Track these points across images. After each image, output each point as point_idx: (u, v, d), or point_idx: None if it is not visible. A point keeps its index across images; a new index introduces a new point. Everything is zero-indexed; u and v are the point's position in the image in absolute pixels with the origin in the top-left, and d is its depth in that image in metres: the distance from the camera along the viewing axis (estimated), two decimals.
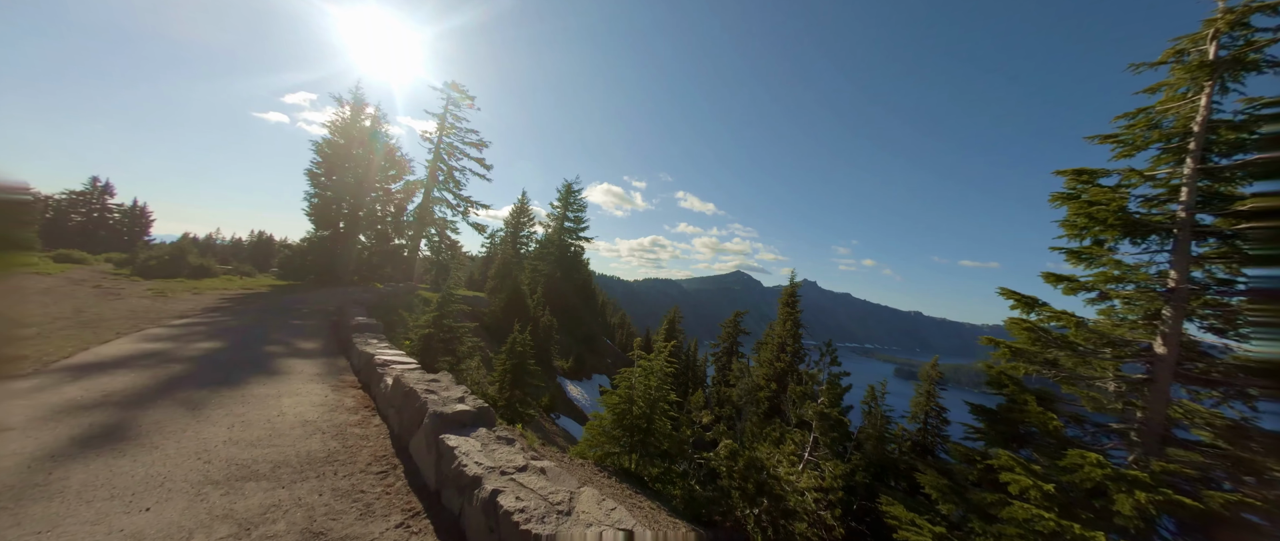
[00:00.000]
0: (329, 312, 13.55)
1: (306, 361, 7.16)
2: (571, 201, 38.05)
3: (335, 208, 25.23)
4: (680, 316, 52.22)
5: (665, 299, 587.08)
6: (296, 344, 8.55)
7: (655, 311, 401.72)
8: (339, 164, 25.10)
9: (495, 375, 11.60)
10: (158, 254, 22.24)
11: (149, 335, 7.88)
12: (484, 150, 36.21)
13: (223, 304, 13.55)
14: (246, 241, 75.67)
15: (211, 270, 23.21)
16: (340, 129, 25.44)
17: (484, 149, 36.09)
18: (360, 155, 25.78)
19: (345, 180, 25.15)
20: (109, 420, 4.03)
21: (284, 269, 25.26)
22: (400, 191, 30.02)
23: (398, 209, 30.03)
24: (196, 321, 9.88)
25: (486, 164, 36.29)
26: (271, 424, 4.32)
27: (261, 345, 8.01)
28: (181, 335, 8.13)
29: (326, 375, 6.40)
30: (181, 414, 4.36)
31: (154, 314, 10.76)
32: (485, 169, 36.31)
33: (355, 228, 26.36)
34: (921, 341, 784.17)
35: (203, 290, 16.64)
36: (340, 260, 25.10)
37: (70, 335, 7.77)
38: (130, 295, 13.62)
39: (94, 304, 11.36)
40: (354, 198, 25.67)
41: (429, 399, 4.01)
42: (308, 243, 25.07)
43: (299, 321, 11.46)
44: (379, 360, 5.86)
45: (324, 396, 5.35)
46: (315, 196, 24.96)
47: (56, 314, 9.56)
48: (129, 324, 9.14)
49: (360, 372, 6.55)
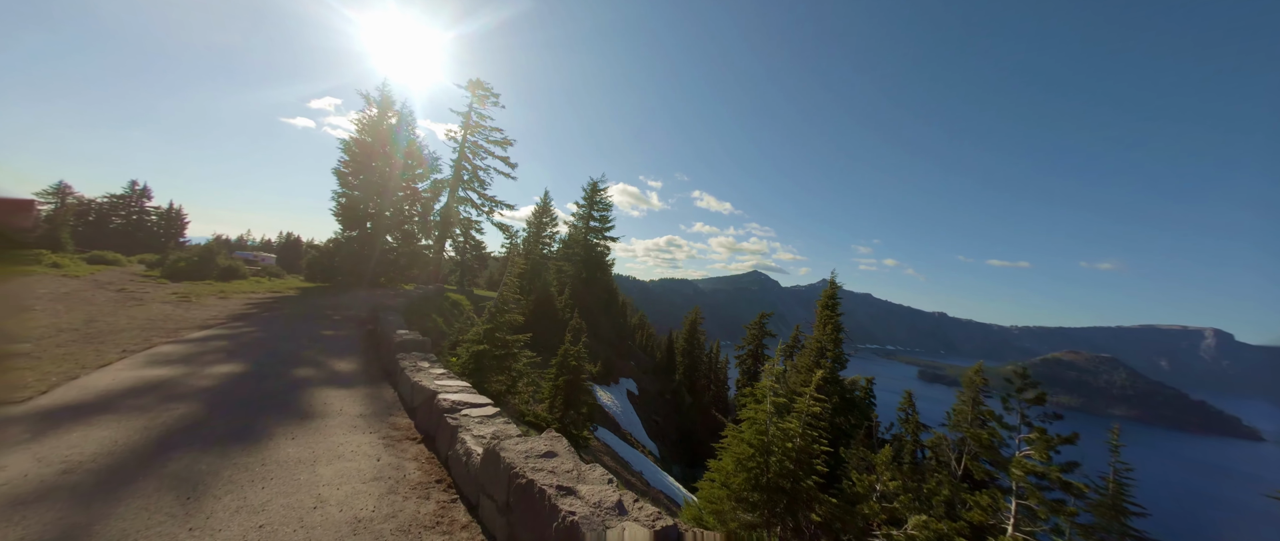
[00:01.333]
0: (361, 320, 12.08)
1: (345, 393, 5.57)
2: (596, 200, 36.44)
3: (362, 207, 23.98)
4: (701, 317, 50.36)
5: (681, 299, 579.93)
6: (330, 364, 7.00)
7: (671, 311, 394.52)
8: (366, 163, 23.83)
9: (544, 392, 9.99)
10: (187, 256, 21.20)
11: (157, 356, 6.38)
12: (508, 149, 34.82)
13: (248, 310, 12.16)
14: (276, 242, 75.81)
15: (240, 272, 22.13)
16: (367, 126, 24.17)
17: (508, 147, 34.69)
18: (387, 153, 24.50)
19: (372, 179, 23.87)
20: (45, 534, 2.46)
21: (311, 270, 24.12)
22: (427, 190, 28.73)
23: (424, 208, 28.75)
24: (216, 334, 8.42)
25: (511, 162, 34.88)
26: (307, 529, 2.71)
27: (289, 368, 6.46)
28: (195, 355, 6.63)
29: (373, 417, 4.79)
30: (169, 510, 2.76)
31: (172, 323, 9.36)
32: (510, 167, 34.91)
33: (382, 228, 25.10)
34: (946, 343, 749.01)
35: (229, 294, 15.36)
36: (367, 261, 23.86)
37: (67, 353, 6.34)
38: (153, 300, 12.32)
39: (110, 312, 10.03)
40: (381, 197, 24.41)
41: (565, 506, 2.34)
42: (334, 243, 23.90)
43: (330, 331, 9.98)
44: (444, 402, 4.22)
45: (375, 460, 3.74)
46: (342, 196, 23.72)
47: (65, 324, 8.19)
48: (139, 338, 7.71)
49: (416, 412, 4.94)
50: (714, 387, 47.39)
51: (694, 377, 45.99)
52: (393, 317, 9.35)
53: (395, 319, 9.11)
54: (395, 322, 8.58)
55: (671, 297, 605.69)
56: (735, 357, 46.87)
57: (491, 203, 33.81)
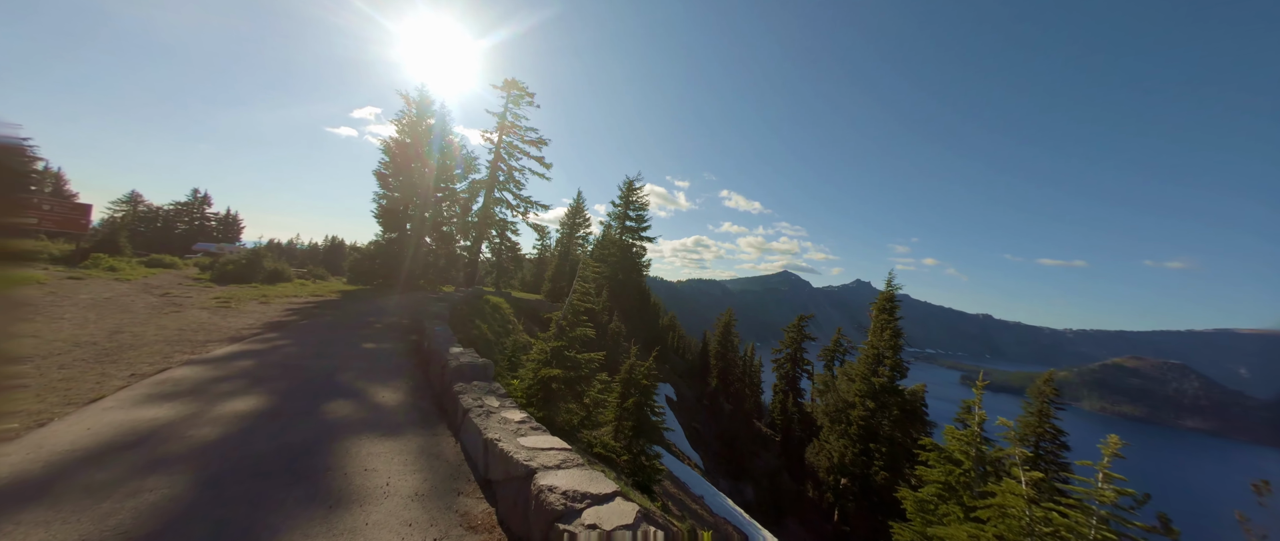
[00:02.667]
0: (404, 328, 10.78)
1: (391, 448, 4.01)
2: (632, 200, 34.81)
3: (402, 209, 23.20)
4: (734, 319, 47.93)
5: (709, 300, 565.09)
6: (371, 394, 5.51)
7: (699, 312, 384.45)
8: (405, 164, 23.01)
9: (608, 415, 8.34)
10: (235, 259, 20.76)
11: (164, 385, 5.03)
12: (543, 148, 33.68)
13: (286, 317, 11.05)
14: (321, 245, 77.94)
15: (285, 274, 21.58)
16: (406, 127, 23.36)
17: (543, 147, 33.55)
18: (426, 153, 23.62)
19: (411, 180, 23.04)
20: None
21: (353, 273, 23.49)
22: (464, 191, 27.85)
23: (462, 209, 27.88)
24: (245, 350, 7.14)
25: (546, 163, 33.71)
26: None
27: (320, 402, 5.00)
28: (211, 383, 5.26)
29: (433, 499, 3.19)
30: None
31: (202, 334, 8.20)
32: (545, 168, 33.73)
33: (421, 229, 24.28)
34: (991, 347, 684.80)
35: (271, 298, 14.47)
36: (407, 263, 23.05)
37: (65, 378, 5.09)
38: (192, 306, 11.39)
39: (142, 321, 9.02)
40: (420, 198, 23.56)
41: None
42: (376, 246, 23.24)
43: (371, 343, 8.65)
44: (549, 495, 2.55)
45: None
46: (383, 197, 23.00)
47: (84, 337, 7.10)
48: (159, 356, 6.48)
49: (496, 491, 3.31)
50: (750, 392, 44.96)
51: (728, 381, 43.73)
52: (440, 330, 7.91)
53: (443, 331, 7.66)
54: (444, 337, 7.10)
55: (699, 298, 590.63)
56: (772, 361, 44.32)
57: (527, 203, 32.72)
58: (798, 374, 43.30)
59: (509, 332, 16.19)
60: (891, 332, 28.01)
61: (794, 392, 42.11)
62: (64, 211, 16.37)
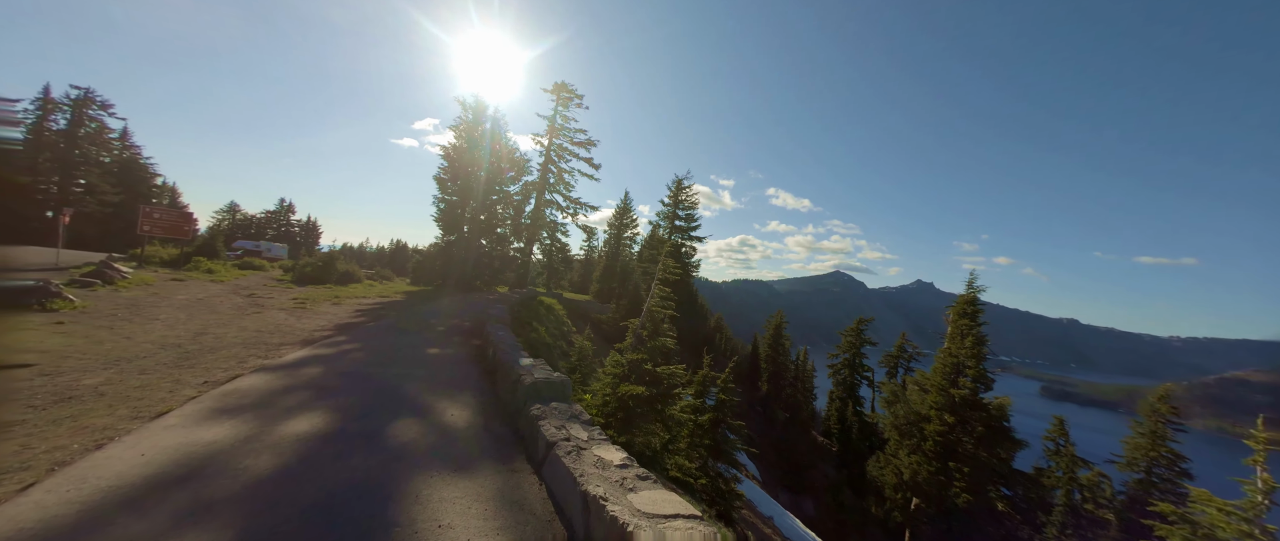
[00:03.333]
0: (466, 331, 10.43)
1: (464, 490, 3.27)
2: (681, 199, 33.70)
3: (459, 211, 23.60)
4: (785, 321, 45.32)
5: (756, 301, 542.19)
6: (441, 413, 4.90)
7: (745, 314, 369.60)
8: (463, 168, 23.39)
9: (682, 436, 7.35)
10: (312, 262, 21.88)
11: (230, 398, 4.66)
12: (592, 150, 33.40)
13: (355, 318, 11.06)
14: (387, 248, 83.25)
15: (355, 276, 22.51)
16: (463, 132, 23.74)
17: (592, 148, 33.26)
18: (481, 156, 23.89)
19: (468, 184, 23.38)
20: None
21: (415, 274, 24.21)
22: (517, 193, 28.04)
23: (516, 212, 28.10)
24: (314, 355, 6.87)
25: (595, 164, 33.38)
26: None
27: (386, 421, 4.42)
28: (276, 396, 4.85)
29: None
30: None
31: (278, 337, 8.15)
32: (594, 169, 33.41)
33: (477, 231, 24.63)
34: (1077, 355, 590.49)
35: (342, 299, 14.85)
36: (465, 264, 23.43)
37: (146, 384, 4.90)
38: (272, 307, 11.73)
39: (226, 321, 9.21)
40: (476, 201, 23.90)
41: None
42: (435, 248, 23.84)
43: (435, 348, 8.26)
44: None
45: None
46: (442, 201, 23.50)
47: (171, 340, 7.15)
48: (234, 360, 6.31)
49: None
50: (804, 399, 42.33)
51: (779, 386, 41.41)
52: (503, 334, 7.32)
53: (506, 337, 7.05)
54: (509, 344, 6.45)
55: (745, 299, 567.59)
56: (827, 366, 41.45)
57: (576, 205, 32.54)
58: (856, 380, 40.20)
59: (564, 334, 15.72)
60: (974, 340, 24.93)
61: (853, 400, 39.13)
62: (171, 219, 17.81)
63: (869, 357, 40.64)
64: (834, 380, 40.84)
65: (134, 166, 38.28)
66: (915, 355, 39.55)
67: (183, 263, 17.80)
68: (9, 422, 3.45)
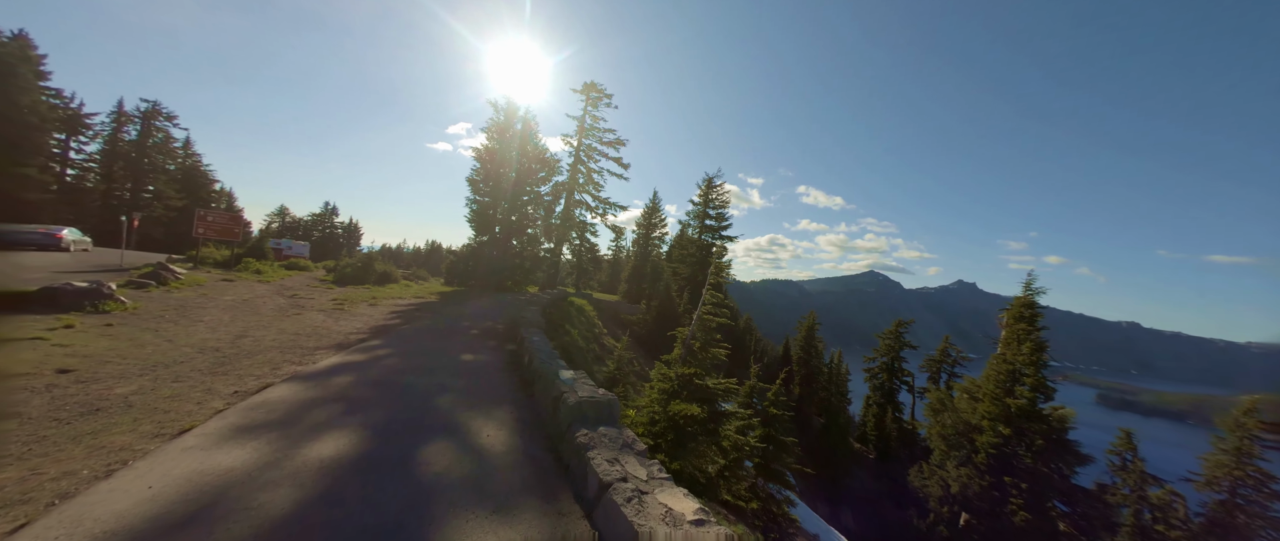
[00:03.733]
0: (500, 334, 10.07)
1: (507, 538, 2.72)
2: (712, 197, 32.75)
3: (491, 212, 23.61)
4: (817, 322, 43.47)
5: (786, 302, 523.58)
6: (476, 434, 4.41)
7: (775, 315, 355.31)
8: (495, 169, 23.38)
9: (730, 453, 6.61)
10: (352, 263, 22.33)
11: (260, 412, 4.33)
12: (620, 149, 32.93)
13: (390, 320, 10.92)
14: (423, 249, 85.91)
15: (393, 276, 22.86)
16: (495, 132, 23.72)
17: (621, 147, 32.79)
18: (513, 159, 23.82)
19: (500, 185, 23.35)
20: None
21: (449, 274, 24.41)
22: (548, 193, 27.91)
23: (546, 212, 27.99)
24: (348, 363, 6.58)
25: (624, 163, 32.90)
26: None
27: (419, 443, 3.96)
28: (303, 412, 4.49)
29: None
30: None
31: (314, 340, 7.98)
32: (623, 168, 32.93)
33: (508, 232, 24.62)
34: (1139, 361, 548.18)
35: (379, 300, 14.90)
36: (496, 264, 23.43)
37: (177, 393, 4.66)
38: (313, 308, 11.77)
39: (267, 323, 9.19)
40: (508, 202, 23.85)
41: None
42: (468, 248, 23.95)
43: (470, 354, 7.88)
44: None
45: None
46: (474, 202, 23.56)
47: (211, 343, 7.05)
48: (267, 367, 6.07)
49: None
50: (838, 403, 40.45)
51: (812, 390, 39.72)
52: (538, 340, 6.83)
53: (542, 343, 6.55)
54: (545, 351, 5.93)
55: (774, 300, 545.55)
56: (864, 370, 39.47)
57: (605, 205, 32.16)
58: (895, 385, 38.06)
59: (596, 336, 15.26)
60: (1032, 346, 22.86)
61: (892, 406, 37.04)
62: (223, 222, 18.47)
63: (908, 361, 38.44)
64: (870, 384, 38.90)
65: (195, 173, 40.71)
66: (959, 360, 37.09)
67: (234, 263, 18.44)
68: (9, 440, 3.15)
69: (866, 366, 39.12)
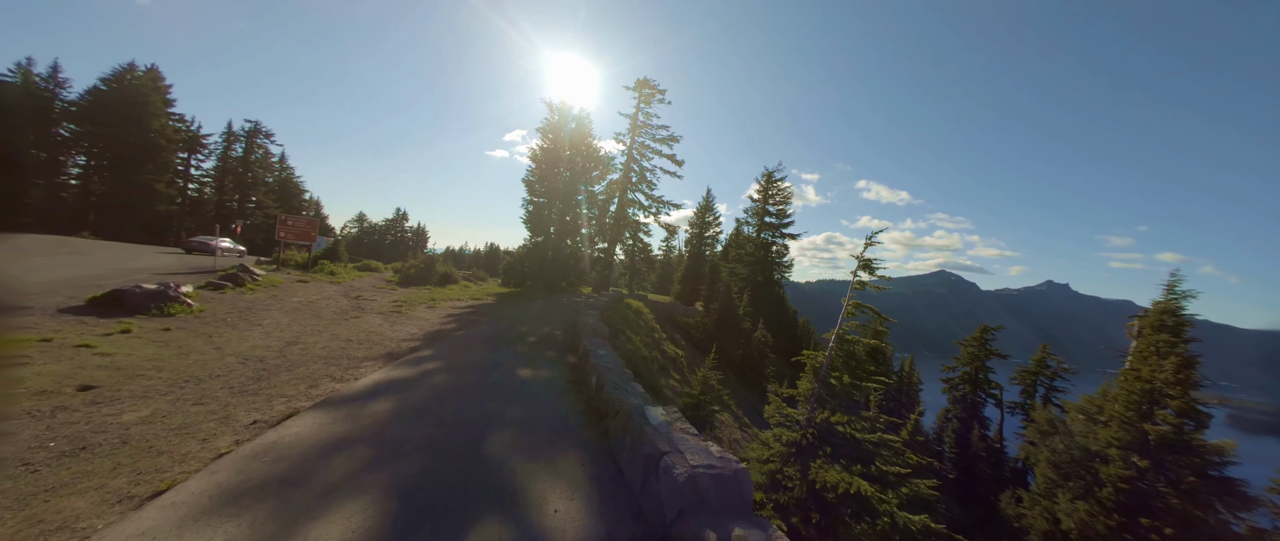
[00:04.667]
0: (559, 344, 8.88)
1: None
2: (772, 192, 30.20)
3: (546, 213, 22.96)
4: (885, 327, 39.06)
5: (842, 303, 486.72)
6: (535, 501, 3.04)
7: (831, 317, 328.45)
8: (549, 169, 22.70)
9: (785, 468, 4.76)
10: (416, 264, 22.55)
11: (267, 459, 3.24)
12: (674, 146, 31.30)
13: (445, 325, 10.11)
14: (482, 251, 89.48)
15: (453, 277, 22.89)
16: (549, 132, 23.05)
17: (675, 144, 31.16)
18: (567, 158, 23.04)
19: (555, 186, 22.63)
20: None
21: (506, 275, 24.13)
22: (602, 192, 26.94)
23: (600, 211, 27.05)
24: (392, 380, 5.55)
25: (677, 160, 31.22)
26: None
27: (457, 524, 2.64)
28: (328, 450, 3.35)
29: None
30: None
31: (365, 348, 7.17)
32: (676, 165, 31.24)
33: (563, 232, 23.90)
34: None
35: (438, 301, 14.42)
36: (551, 265, 22.75)
37: (188, 422, 3.75)
38: (372, 310, 11.31)
39: (324, 327, 8.63)
40: (562, 202, 23.10)
41: None
42: (525, 250, 23.49)
43: (528, 369, 6.69)
44: None
45: None
46: (530, 203, 23.03)
47: (260, 350, 6.38)
48: (304, 384, 5.15)
49: None
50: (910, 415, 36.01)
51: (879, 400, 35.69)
52: (605, 356, 5.45)
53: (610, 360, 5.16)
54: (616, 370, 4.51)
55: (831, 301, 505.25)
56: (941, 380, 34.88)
57: (659, 203, 30.67)
58: (980, 399, 33.19)
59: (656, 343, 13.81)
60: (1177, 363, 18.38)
61: (979, 423, 32.31)
62: (301, 227, 19.16)
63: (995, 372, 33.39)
64: (949, 397, 34.24)
65: (289, 184, 44.41)
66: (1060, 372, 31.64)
67: (311, 265, 19.04)
68: None
69: (944, 376, 34.53)
